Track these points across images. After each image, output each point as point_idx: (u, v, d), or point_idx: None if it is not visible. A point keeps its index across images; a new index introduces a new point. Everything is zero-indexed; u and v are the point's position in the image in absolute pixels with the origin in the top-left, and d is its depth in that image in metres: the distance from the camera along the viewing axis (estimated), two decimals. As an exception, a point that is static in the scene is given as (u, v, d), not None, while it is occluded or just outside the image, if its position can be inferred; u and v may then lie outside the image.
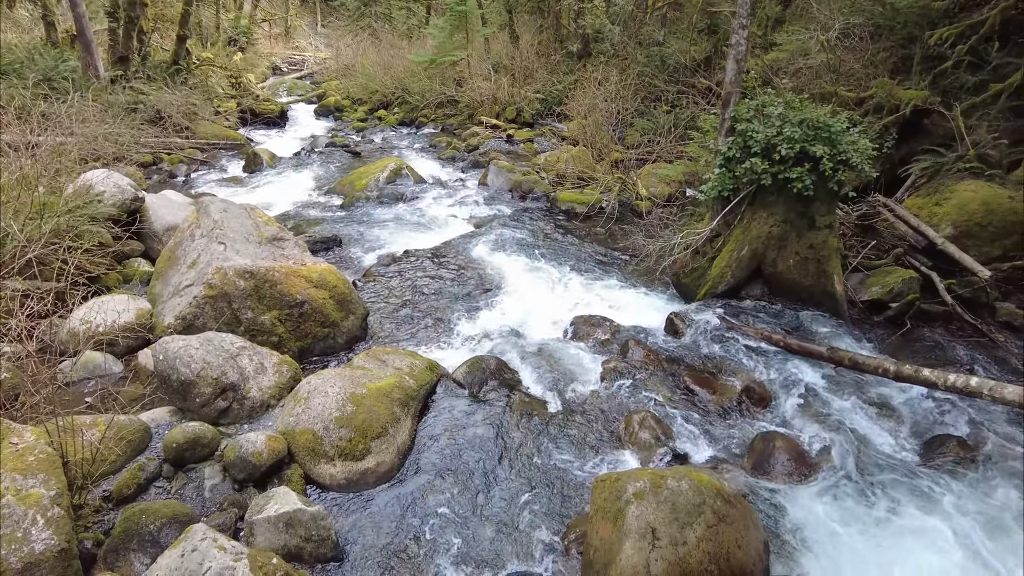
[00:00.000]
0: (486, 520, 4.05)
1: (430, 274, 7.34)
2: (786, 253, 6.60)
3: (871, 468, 4.50)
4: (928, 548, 3.92)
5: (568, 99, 14.53)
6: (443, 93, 17.36)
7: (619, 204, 9.76)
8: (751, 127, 6.35)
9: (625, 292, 7.35)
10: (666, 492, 3.50)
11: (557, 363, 5.72)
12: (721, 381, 5.50)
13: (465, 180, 11.76)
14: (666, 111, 12.34)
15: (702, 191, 7.02)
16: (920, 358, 5.97)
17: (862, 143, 6.26)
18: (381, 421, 4.45)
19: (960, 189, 7.71)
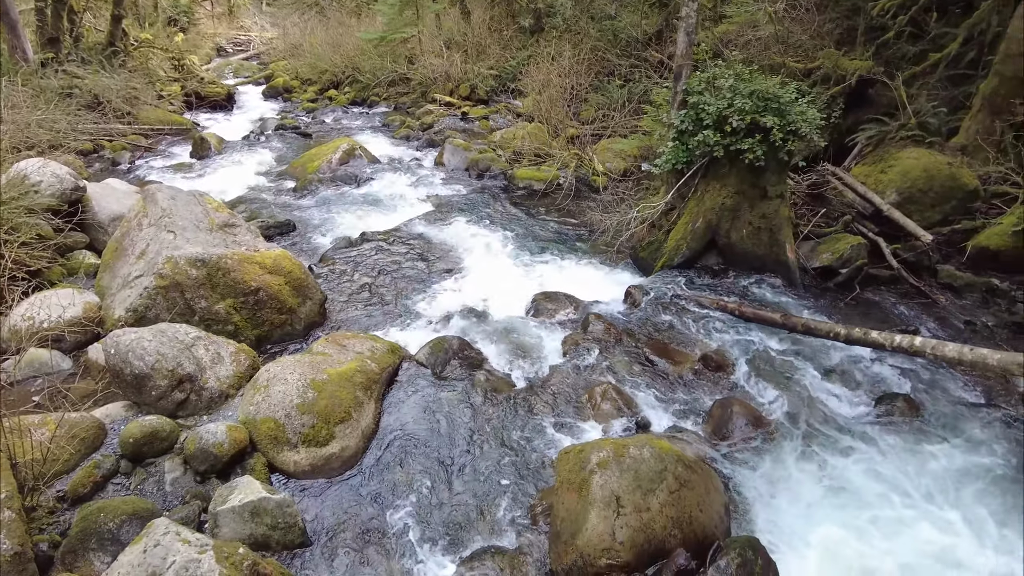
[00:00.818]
0: (453, 498, 4.08)
1: (388, 256, 7.27)
2: (739, 223, 6.73)
3: (825, 428, 4.68)
4: (880, 500, 4.11)
5: (522, 75, 14.42)
6: (395, 71, 17.03)
7: (576, 180, 9.79)
8: (703, 99, 6.42)
9: (585, 267, 7.41)
10: (629, 460, 3.58)
11: (520, 340, 5.75)
12: (680, 350, 5.62)
13: (420, 159, 11.61)
14: (620, 85, 12.36)
15: (657, 165, 7.08)
16: (869, 321, 6.18)
17: (811, 113, 6.39)
18: (344, 406, 4.41)
19: (903, 157, 7.95)
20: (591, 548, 3.36)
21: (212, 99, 16.37)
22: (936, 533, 3.89)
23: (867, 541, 3.82)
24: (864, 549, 3.76)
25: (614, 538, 3.36)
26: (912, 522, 3.96)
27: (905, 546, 3.80)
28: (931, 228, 7.33)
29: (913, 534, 3.88)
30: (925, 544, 3.82)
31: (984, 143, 7.86)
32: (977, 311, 6.54)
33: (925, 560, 3.72)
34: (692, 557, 3.36)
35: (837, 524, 3.92)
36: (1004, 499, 4.14)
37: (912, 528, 3.92)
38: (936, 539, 3.86)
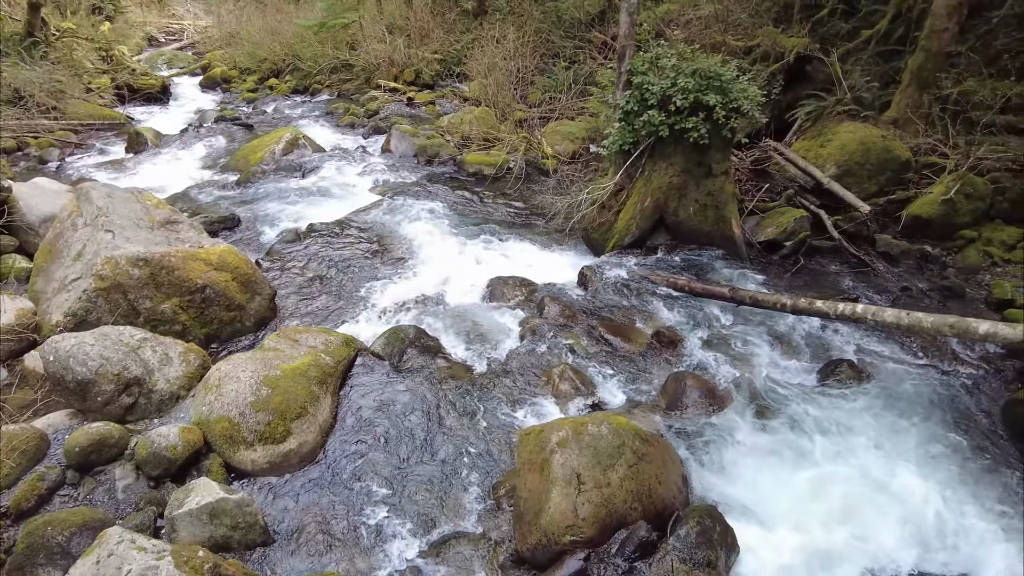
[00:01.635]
0: (416, 486, 4.08)
1: (338, 247, 7.15)
2: (686, 201, 6.86)
3: (774, 395, 4.84)
4: (828, 461, 4.29)
5: (467, 59, 14.29)
6: (337, 58, 16.65)
7: (526, 164, 9.78)
8: (647, 80, 6.48)
9: (538, 251, 7.44)
10: (587, 438, 3.64)
11: (477, 326, 5.75)
12: (634, 328, 5.71)
13: (367, 147, 11.42)
14: (565, 67, 12.37)
15: (604, 146, 7.14)
16: (813, 291, 6.41)
17: (751, 90, 6.53)
18: (299, 401, 4.35)
19: (841, 131, 8.22)
20: (555, 526, 3.41)
21: (146, 91, 15.70)
22: (881, 487, 4.10)
23: (818, 500, 3.99)
24: (815, 508, 3.93)
25: (576, 515, 3.42)
26: (860, 479, 4.16)
27: (854, 502, 3.98)
28: (868, 199, 7.63)
29: (861, 491, 4.07)
30: (872, 498, 4.01)
31: (914, 116, 8.19)
32: (912, 277, 6.85)
33: (873, 513, 3.91)
34: (653, 528, 3.45)
35: (789, 486, 4.08)
36: (941, 449, 4.39)
37: (860, 485, 4.12)
38: (882, 492, 4.06)
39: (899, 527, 3.84)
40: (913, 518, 3.90)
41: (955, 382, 5.12)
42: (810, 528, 3.80)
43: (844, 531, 3.79)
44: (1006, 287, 6.38)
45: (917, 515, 3.93)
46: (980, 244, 7.20)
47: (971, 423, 4.68)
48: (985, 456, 4.38)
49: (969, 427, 4.64)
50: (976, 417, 4.75)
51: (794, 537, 3.73)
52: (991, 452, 4.43)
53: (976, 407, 4.85)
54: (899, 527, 3.84)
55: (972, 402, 4.90)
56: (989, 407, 4.86)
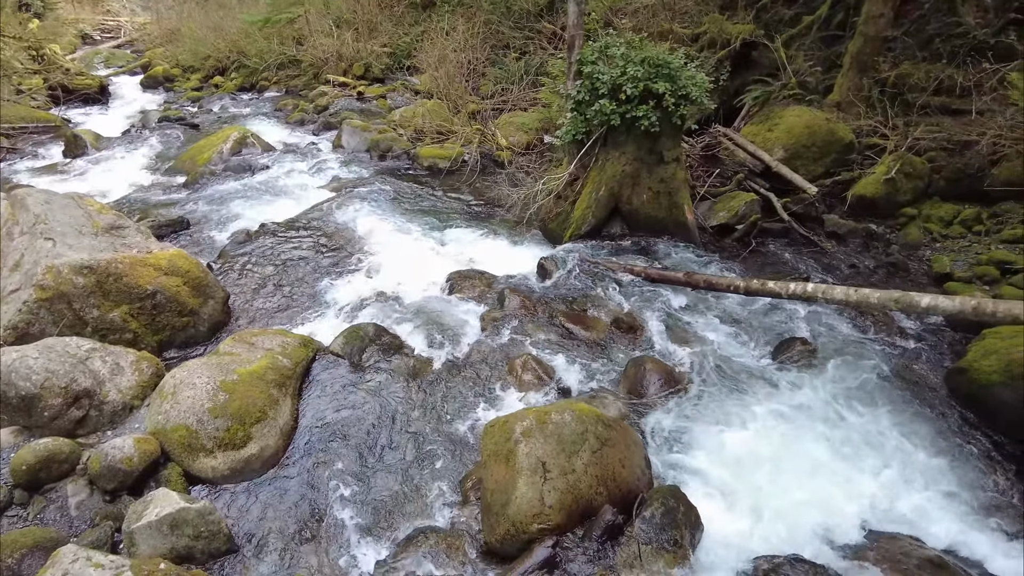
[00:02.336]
0: (382, 485, 4.05)
1: (292, 247, 7.02)
2: (640, 189, 6.94)
3: (731, 375, 4.96)
4: (785, 434, 4.43)
5: (417, 51, 14.15)
6: (283, 54, 16.29)
7: (481, 156, 9.75)
8: (597, 69, 6.52)
9: (496, 243, 7.44)
10: (551, 426, 3.67)
11: (437, 321, 5.72)
12: (593, 316, 5.77)
13: (318, 143, 11.21)
14: (516, 58, 12.36)
15: (558, 136, 7.17)
16: (765, 272, 6.57)
17: (699, 77, 6.63)
18: (259, 405, 4.27)
19: (787, 115, 8.43)
20: (522, 516, 3.44)
21: (82, 92, 15.09)
22: (836, 455, 4.26)
23: (777, 473, 4.10)
24: (774, 480, 4.05)
25: (543, 503, 3.45)
26: (815, 449, 4.31)
27: (811, 472, 4.12)
28: (815, 180, 7.84)
29: (817, 461, 4.21)
30: (828, 467, 4.17)
31: (855, 99, 8.45)
32: (859, 255, 7.08)
33: (828, 481, 4.05)
34: (619, 512, 3.51)
35: (749, 462, 4.19)
36: (891, 419, 4.58)
37: (816, 455, 4.26)
38: (837, 460, 4.22)
39: (853, 492, 3.99)
40: (866, 483, 4.07)
41: (901, 354, 5.33)
42: (770, 500, 3.91)
43: (802, 501, 3.91)
44: (945, 261, 6.65)
45: (869, 480, 4.09)
46: (920, 221, 7.48)
47: (917, 392, 4.88)
48: (931, 422, 4.58)
49: (916, 396, 4.83)
50: (922, 386, 4.95)
51: (755, 510, 3.84)
52: (936, 418, 4.62)
53: (921, 377, 5.06)
54: (853, 492, 3.99)
55: (918, 372, 5.11)
56: (933, 376, 5.06)
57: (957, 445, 4.40)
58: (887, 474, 4.15)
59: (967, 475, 4.15)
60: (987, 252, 6.63)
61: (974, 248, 6.84)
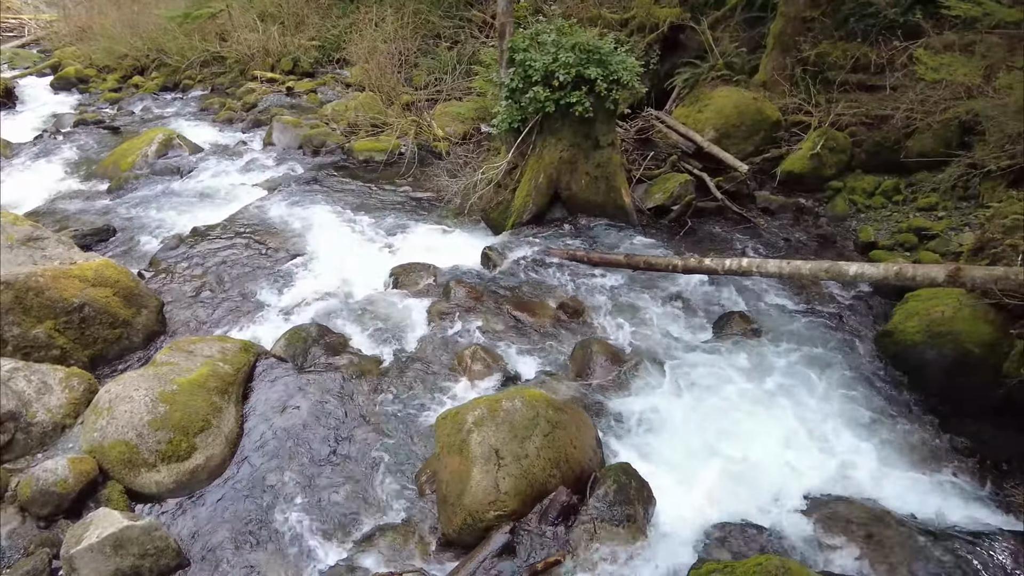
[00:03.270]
0: (335, 486, 4.00)
1: (227, 250, 6.80)
2: (578, 175, 7.01)
3: (675, 351, 5.10)
4: (728, 402, 4.60)
5: (346, 44, 13.86)
6: (206, 50, 15.65)
7: (418, 147, 9.65)
8: (529, 56, 6.53)
9: (439, 234, 7.39)
10: (502, 414, 3.69)
11: (383, 316, 5.66)
12: (539, 302, 5.81)
13: (248, 142, 10.86)
14: (448, 48, 12.26)
15: (494, 125, 7.16)
16: (702, 250, 6.75)
17: (630, 62, 6.73)
18: (201, 414, 4.15)
19: (716, 96, 8.65)
20: (478, 504, 3.45)
21: (-15, 97, 14.15)
22: (778, 419, 4.47)
23: (724, 445, 4.25)
24: (720, 447, 4.20)
25: (499, 490, 3.47)
26: (757, 415, 4.51)
27: (754, 436, 4.30)
28: (746, 159, 8.09)
29: (760, 425, 4.40)
30: (770, 430, 4.36)
31: (779, 78, 8.74)
32: (790, 228, 7.37)
33: (770, 443, 4.23)
34: (573, 492, 3.56)
35: (697, 435, 4.33)
36: (826, 381, 4.80)
37: (758, 420, 4.46)
38: (779, 424, 4.43)
39: (795, 455, 4.18)
40: (806, 445, 4.27)
41: (834, 321, 5.58)
42: (719, 470, 4.05)
43: (748, 467, 4.07)
44: (870, 231, 6.98)
45: (810, 442, 4.30)
46: (846, 193, 7.82)
47: (850, 356, 5.12)
48: (863, 383, 4.82)
49: (849, 360, 5.08)
50: (854, 350, 5.20)
51: (705, 480, 3.96)
52: (868, 379, 4.88)
53: (853, 341, 5.31)
54: (795, 455, 4.18)
55: (849, 337, 5.36)
56: (864, 340, 5.33)
57: (888, 403, 4.65)
58: (826, 435, 4.36)
59: (898, 430, 4.39)
60: (906, 220, 7.00)
61: (895, 217, 7.20)
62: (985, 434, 4.38)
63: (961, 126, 7.18)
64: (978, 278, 4.18)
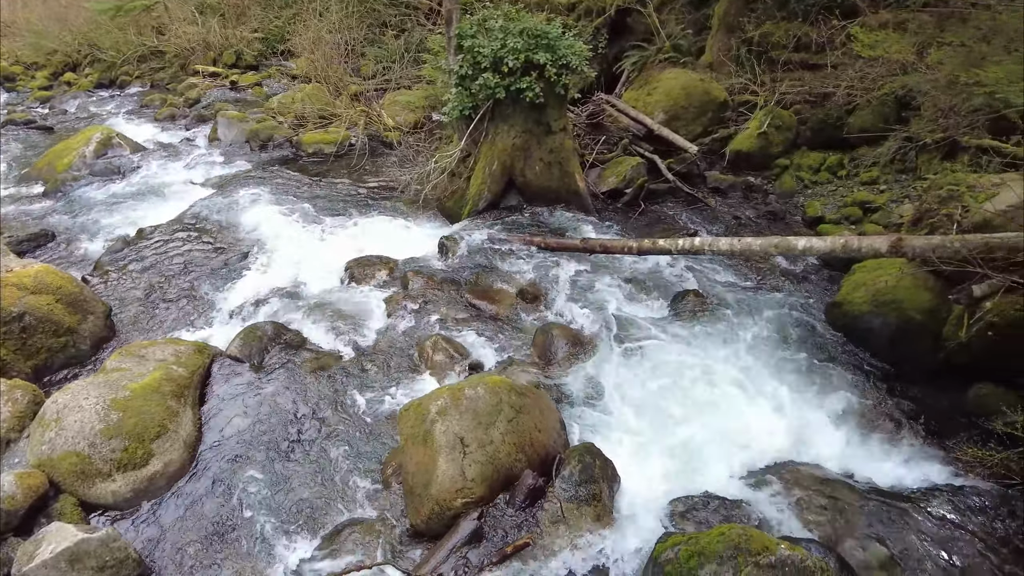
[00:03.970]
0: (299, 484, 3.95)
1: (176, 250, 6.60)
2: (532, 161, 7.02)
3: (632, 331, 5.16)
4: (686, 379, 4.69)
5: (290, 35, 13.55)
6: (143, 44, 15.11)
7: (368, 138, 9.52)
8: (477, 43, 6.49)
9: (394, 226, 7.32)
10: (466, 402, 3.70)
11: (340, 311, 5.58)
12: (499, 290, 5.82)
13: (193, 139, 10.55)
14: (395, 36, 12.11)
15: (445, 113, 7.11)
16: (656, 231, 6.86)
17: (578, 46, 6.74)
18: (157, 420, 4.04)
19: (664, 78, 8.75)
20: (445, 493, 3.46)
21: (-96, 99, 13.38)
22: (735, 393, 4.58)
23: (684, 419, 4.34)
24: (683, 426, 4.28)
25: (465, 477, 3.48)
26: (715, 390, 4.62)
27: (714, 410, 4.42)
28: (695, 140, 8.22)
29: (720, 403, 4.51)
30: (729, 404, 4.48)
31: (725, 59, 8.89)
32: (741, 207, 7.54)
33: (732, 421, 4.34)
34: (539, 475, 3.60)
35: (658, 411, 4.41)
36: (781, 353, 4.96)
37: (717, 394, 4.57)
38: (736, 397, 4.55)
39: (753, 425, 4.31)
40: (763, 415, 4.40)
41: (785, 294, 5.74)
42: (680, 444, 4.13)
43: (709, 440, 4.17)
44: (816, 205, 7.19)
45: (767, 412, 4.44)
46: (793, 170, 8.02)
47: (802, 328, 5.27)
48: (815, 353, 4.97)
49: (801, 331, 5.22)
50: (805, 322, 5.36)
51: (667, 455, 4.05)
52: (819, 349, 5.03)
53: (804, 313, 5.47)
54: (753, 425, 4.31)
55: (800, 310, 5.52)
56: (814, 311, 5.49)
57: (839, 371, 4.81)
58: (781, 404, 4.50)
59: (849, 397, 4.55)
60: (851, 194, 7.22)
61: (840, 191, 7.43)
62: (929, 396, 4.58)
63: (898, 101, 7.42)
64: (918, 247, 4.34)
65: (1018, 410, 3.78)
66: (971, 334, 4.39)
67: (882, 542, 3.40)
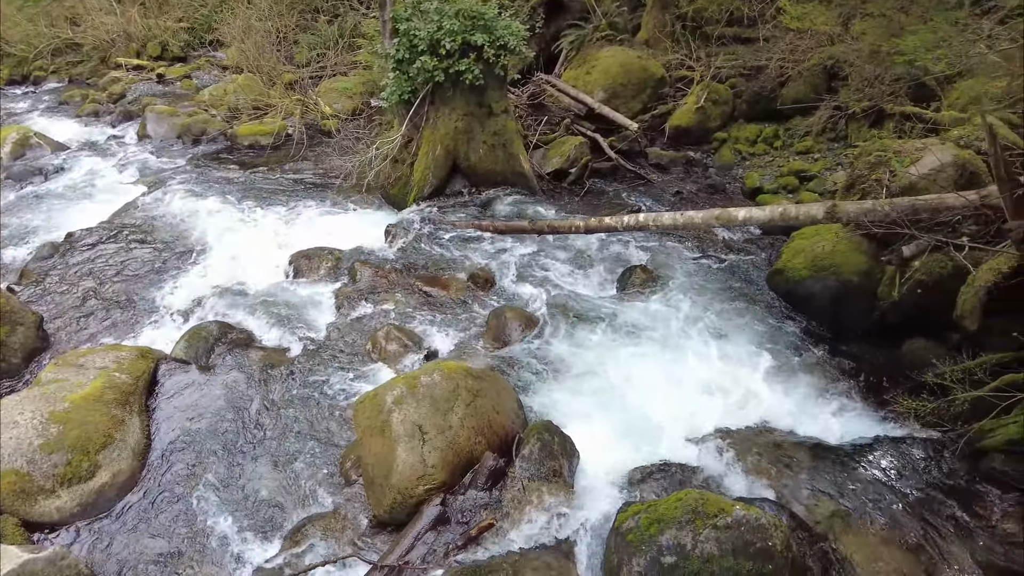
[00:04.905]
0: (258, 484, 3.89)
1: (110, 253, 6.32)
2: (475, 144, 6.98)
3: (583, 308, 5.23)
4: (639, 353, 4.81)
5: (218, 24, 13.03)
6: (57, 37, 14.28)
7: (306, 127, 9.28)
8: (412, 26, 6.39)
9: (338, 216, 7.18)
10: (422, 389, 3.70)
11: (287, 307, 5.47)
12: (449, 276, 5.80)
13: (120, 136, 10.08)
14: (328, 22, 11.80)
15: (384, 98, 6.99)
16: (602, 209, 6.93)
17: (515, 26, 6.71)
18: (101, 430, 3.91)
19: (602, 56, 8.80)
20: (406, 481, 3.46)
21: None
22: (685, 364, 4.72)
23: (637, 391, 4.44)
24: (636, 398, 4.38)
25: (426, 464, 3.49)
26: (664, 359, 4.74)
27: (666, 384, 4.52)
28: (635, 117, 8.32)
29: (670, 372, 4.63)
30: (680, 376, 4.61)
31: (661, 35, 8.99)
32: (682, 181, 7.69)
33: (683, 389, 4.49)
34: (500, 456, 3.63)
35: (612, 385, 4.51)
36: (726, 320, 5.11)
37: (668, 367, 4.68)
38: (684, 364, 4.69)
39: (703, 393, 4.46)
40: (713, 382, 4.55)
41: (729, 264, 5.91)
42: (634, 416, 4.23)
43: (661, 409, 4.28)
44: (755, 177, 7.39)
45: (716, 379, 4.59)
46: (731, 143, 8.22)
47: (746, 296, 5.45)
48: (759, 320, 5.15)
49: (745, 299, 5.39)
50: (749, 290, 5.53)
51: (623, 427, 4.13)
52: (763, 316, 5.21)
53: (747, 282, 5.65)
54: (703, 393, 4.46)
55: (744, 278, 5.69)
56: (757, 280, 5.67)
57: (783, 335, 5.00)
58: (729, 370, 4.65)
59: (794, 359, 4.75)
60: (787, 164, 7.45)
61: (777, 162, 7.65)
62: (867, 354, 4.81)
63: (827, 72, 7.67)
64: (851, 212, 4.52)
65: (947, 362, 4.00)
66: (903, 293, 4.61)
67: (830, 495, 3.57)
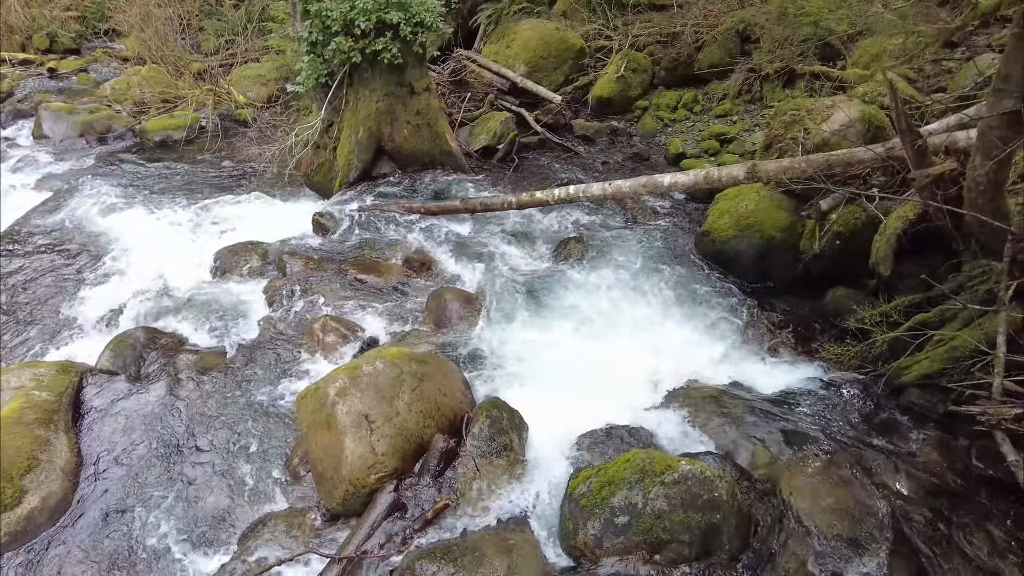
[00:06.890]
0: (204, 490, 3.77)
1: (15, 265, 5.91)
2: (399, 125, 6.85)
3: (521, 283, 5.27)
4: (577, 322, 4.91)
5: (112, 12, 12.25)
6: (-73, 32, 13.10)
7: (220, 118, 8.89)
8: (324, 6, 6.18)
9: (261, 208, 6.95)
10: (365, 379, 3.65)
11: (216, 305, 5.27)
12: (384, 261, 5.71)
13: (12, 138, 9.38)
14: (234, 6, 11.28)
15: (300, 83, 6.76)
16: (532, 184, 6.94)
17: (430, 3, 6.59)
18: (24, 453, 3.70)
19: (521, 30, 8.76)
20: (357, 472, 3.43)
21: None
22: (622, 329, 4.84)
23: (578, 359, 4.53)
24: (578, 366, 4.46)
25: (376, 453, 3.46)
26: (604, 329, 4.86)
27: (606, 350, 4.63)
28: (558, 89, 8.35)
29: (608, 339, 4.75)
30: (618, 342, 4.73)
31: (578, 6, 9.02)
32: (608, 151, 7.79)
33: (622, 354, 4.60)
34: (450, 437, 3.63)
35: (554, 355, 4.58)
36: (659, 283, 5.24)
37: (606, 334, 4.81)
38: (623, 334, 4.81)
39: (641, 356, 4.58)
40: (649, 345, 4.68)
41: (658, 230, 6.04)
42: (578, 384, 4.29)
43: (603, 375, 4.39)
44: (677, 143, 7.55)
45: (651, 342, 4.72)
46: (652, 111, 8.37)
47: (676, 259, 5.59)
48: (690, 282, 5.30)
49: (675, 263, 5.54)
50: (678, 254, 5.69)
51: (568, 396, 4.18)
52: (693, 278, 5.37)
53: (676, 246, 5.80)
54: (641, 356, 4.58)
55: (673, 243, 5.84)
56: (685, 243, 5.83)
57: (714, 295, 5.17)
58: (666, 333, 4.80)
59: (726, 317, 4.92)
60: (707, 128, 7.65)
61: (697, 127, 7.85)
62: (794, 306, 5.06)
63: (740, 36, 7.88)
64: (771, 171, 4.69)
65: (866, 307, 4.25)
66: (823, 245, 4.84)
67: (768, 443, 3.74)
